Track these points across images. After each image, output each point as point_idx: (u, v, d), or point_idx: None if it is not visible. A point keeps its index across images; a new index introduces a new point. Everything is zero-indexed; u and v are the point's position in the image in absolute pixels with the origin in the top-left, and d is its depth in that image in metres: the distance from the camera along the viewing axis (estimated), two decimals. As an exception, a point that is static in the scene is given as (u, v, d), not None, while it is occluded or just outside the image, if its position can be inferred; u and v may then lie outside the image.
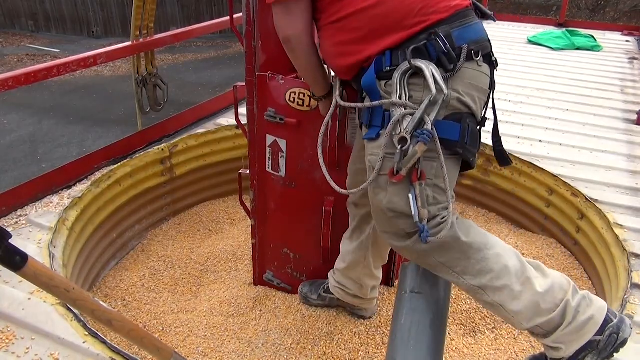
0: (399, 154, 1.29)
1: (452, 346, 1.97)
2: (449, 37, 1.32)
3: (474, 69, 1.36)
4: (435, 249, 1.38)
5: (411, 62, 1.29)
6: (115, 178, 2.54)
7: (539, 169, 2.73)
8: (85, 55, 2.58)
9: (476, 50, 1.36)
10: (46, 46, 10.43)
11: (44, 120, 6.72)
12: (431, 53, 1.31)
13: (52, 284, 1.12)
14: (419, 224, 1.32)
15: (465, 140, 1.33)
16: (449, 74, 1.31)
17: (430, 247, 1.37)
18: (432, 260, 1.41)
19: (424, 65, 1.28)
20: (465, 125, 1.33)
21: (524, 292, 1.37)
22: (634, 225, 2.27)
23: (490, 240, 1.42)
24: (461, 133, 1.32)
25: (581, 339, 1.37)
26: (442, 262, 1.40)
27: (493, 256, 1.39)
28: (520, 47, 5.30)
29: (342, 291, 1.98)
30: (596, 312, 1.38)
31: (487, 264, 1.38)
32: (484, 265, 1.38)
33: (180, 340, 2.01)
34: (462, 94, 1.33)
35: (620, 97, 3.88)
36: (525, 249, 2.55)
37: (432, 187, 1.34)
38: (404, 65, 1.30)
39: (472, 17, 1.41)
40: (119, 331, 1.26)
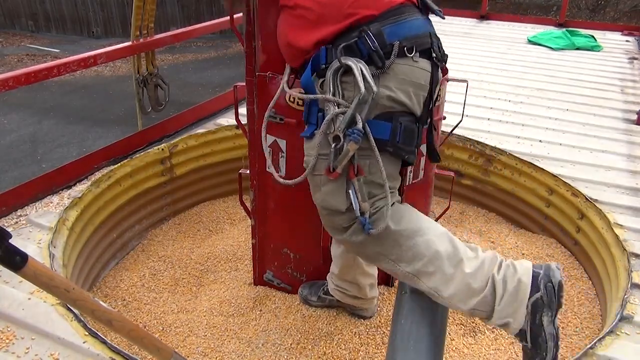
0: (333, 152, 1.33)
1: (452, 346, 1.97)
2: (380, 35, 1.33)
3: (408, 64, 1.37)
4: (370, 240, 1.42)
5: (341, 60, 1.32)
6: (115, 178, 2.54)
7: (539, 168, 2.73)
8: (85, 55, 2.59)
9: (410, 46, 1.36)
10: (46, 46, 10.42)
11: (44, 120, 6.72)
12: (362, 50, 1.33)
13: (52, 284, 1.12)
14: (361, 217, 1.38)
15: (397, 139, 1.36)
16: (379, 71, 1.32)
17: (365, 238, 1.41)
18: (369, 250, 1.45)
19: (352, 64, 1.30)
20: (397, 124, 1.35)
21: (455, 274, 1.40)
22: (634, 225, 2.27)
23: (423, 225, 1.45)
24: (392, 132, 1.35)
25: (521, 304, 1.37)
26: (378, 251, 1.44)
27: (423, 242, 1.41)
28: (520, 47, 5.30)
29: (341, 293, 1.98)
30: (522, 274, 1.39)
31: (419, 249, 1.41)
32: (415, 251, 1.41)
33: (180, 340, 2.01)
34: (395, 90, 1.35)
35: (620, 97, 3.88)
36: (525, 249, 2.55)
37: (369, 184, 1.38)
38: (335, 63, 1.33)
39: (409, 13, 1.41)
40: (119, 331, 1.26)
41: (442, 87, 2.02)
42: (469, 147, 2.98)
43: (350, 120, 1.30)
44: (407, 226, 1.43)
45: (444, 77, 2.04)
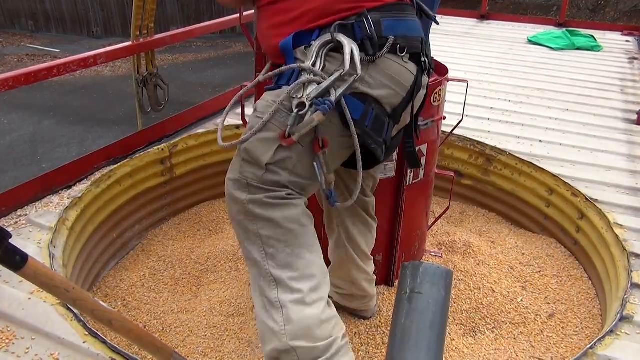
0: (294, 117, 1.23)
1: (452, 346, 1.97)
2: (378, 24, 1.30)
3: (397, 62, 1.34)
4: (266, 219, 1.31)
5: (334, 35, 1.27)
6: (115, 178, 2.54)
7: (539, 168, 2.73)
8: (85, 55, 2.58)
9: (402, 45, 1.33)
10: (46, 46, 10.43)
11: (44, 120, 6.72)
12: (356, 34, 1.29)
13: (52, 284, 1.12)
14: (326, 190, 1.34)
15: (366, 123, 1.30)
16: (369, 59, 1.29)
17: (263, 214, 1.31)
18: (253, 227, 1.33)
19: (345, 41, 1.26)
20: (369, 108, 1.31)
21: (311, 308, 1.30)
22: (634, 225, 2.27)
23: (315, 247, 1.37)
24: (362, 114, 1.30)
25: None
26: (261, 234, 1.32)
27: (306, 259, 1.33)
28: (520, 47, 5.30)
29: (338, 295, 1.97)
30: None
31: (299, 262, 1.32)
32: (294, 261, 1.32)
33: (180, 340, 2.01)
34: (375, 80, 1.31)
35: (620, 97, 3.88)
36: (525, 249, 2.55)
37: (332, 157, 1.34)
38: (326, 36, 1.29)
39: (408, 13, 1.39)
40: (119, 331, 1.26)
41: (442, 87, 2.02)
42: (469, 147, 2.98)
43: (323, 91, 1.23)
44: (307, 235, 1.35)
45: (444, 77, 2.04)
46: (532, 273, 2.39)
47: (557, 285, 2.32)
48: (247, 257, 1.38)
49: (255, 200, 1.31)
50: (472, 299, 2.19)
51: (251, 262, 1.36)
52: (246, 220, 1.34)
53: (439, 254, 2.48)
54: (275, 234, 1.31)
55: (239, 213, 1.35)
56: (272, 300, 1.31)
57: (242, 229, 1.36)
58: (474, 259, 2.43)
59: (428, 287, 1.49)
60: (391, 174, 2.02)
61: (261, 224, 1.32)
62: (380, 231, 2.11)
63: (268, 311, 1.31)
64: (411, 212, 2.14)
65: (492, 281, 2.28)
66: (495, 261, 2.43)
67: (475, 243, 2.53)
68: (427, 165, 2.13)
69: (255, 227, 1.33)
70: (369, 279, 1.94)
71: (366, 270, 1.90)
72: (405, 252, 2.23)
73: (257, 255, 1.34)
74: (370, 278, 1.94)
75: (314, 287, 1.32)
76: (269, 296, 1.31)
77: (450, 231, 2.67)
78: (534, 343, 2.01)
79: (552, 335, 2.05)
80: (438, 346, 1.44)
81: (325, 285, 1.37)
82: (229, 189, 1.37)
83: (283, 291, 1.30)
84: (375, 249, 2.13)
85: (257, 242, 1.33)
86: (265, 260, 1.32)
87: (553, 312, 2.16)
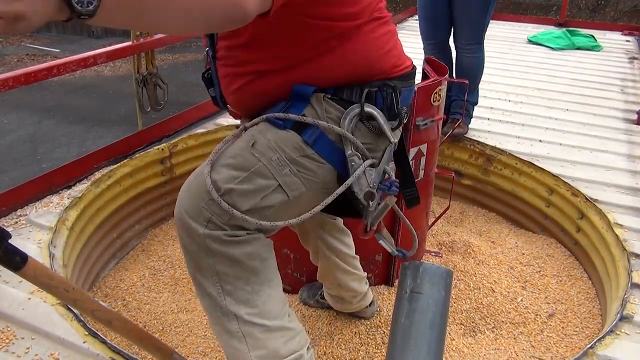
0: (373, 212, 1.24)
1: (452, 346, 1.97)
2: (398, 94, 1.26)
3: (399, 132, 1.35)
4: (224, 255, 1.18)
5: (364, 106, 1.20)
6: (115, 178, 2.54)
7: (539, 168, 2.73)
8: (85, 55, 2.58)
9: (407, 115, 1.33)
10: (46, 46, 10.43)
11: (44, 120, 6.72)
12: (378, 103, 1.23)
13: (51, 284, 1.12)
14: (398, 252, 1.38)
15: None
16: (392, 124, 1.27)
17: (221, 250, 1.17)
18: (208, 260, 1.19)
19: (376, 112, 1.22)
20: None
21: (273, 333, 1.25)
22: (634, 225, 2.27)
23: (275, 279, 1.28)
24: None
25: None
26: (218, 270, 1.20)
27: (266, 295, 1.24)
28: (520, 47, 5.30)
29: (330, 297, 1.94)
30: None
31: (258, 299, 1.23)
32: (254, 298, 1.22)
33: (180, 340, 2.01)
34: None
35: (620, 97, 3.88)
36: (525, 249, 2.55)
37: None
38: (356, 107, 1.21)
39: (414, 81, 1.38)
40: (119, 331, 1.26)
41: (442, 87, 2.02)
42: (469, 147, 2.98)
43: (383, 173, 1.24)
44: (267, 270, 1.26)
45: (444, 77, 2.04)
46: (532, 273, 2.39)
47: (557, 285, 2.32)
48: (197, 287, 1.26)
49: (212, 236, 1.16)
50: (472, 299, 2.19)
51: (203, 294, 1.25)
52: (200, 253, 1.20)
53: (439, 253, 2.48)
54: (234, 271, 1.20)
55: (192, 243, 1.20)
56: (233, 331, 1.23)
57: (194, 260, 1.22)
58: (473, 259, 2.43)
59: (428, 287, 1.49)
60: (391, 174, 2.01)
61: (218, 259, 1.19)
62: (380, 231, 2.11)
63: (230, 340, 1.24)
64: (411, 212, 2.14)
65: (492, 281, 2.28)
66: (495, 261, 2.43)
67: (475, 243, 2.53)
68: (427, 165, 2.13)
69: (211, 262, 1.19)
70: (357, 278, 1.85)
71: (352, 271, 1.80)
72: (405, 252, 2.22)
73: (211, 290, 1.22)
74: (358, 276, 1.84)
75: (274, 318, 1.26)
76: (229, 328, 1.23)
77: (450, 231, 2.67)
78: (534, 343, 2.01)
79: (552, 335, 2.05)
80: (438, 346, 1.44)
81: (285, 312, 1.30)
82: (183, 214, 1.19)
83: (243, 324, 1.23)
84: (375, 249, 2.14)
85: (212, 277, 1.21)
86: (222, 296, 1.22)
87: (553, 311, 2.16)
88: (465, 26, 2.92)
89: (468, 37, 2.92)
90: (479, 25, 2.90)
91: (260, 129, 1.23)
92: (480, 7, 2.83)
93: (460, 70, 3.02)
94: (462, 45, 2.96)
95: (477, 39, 2.93)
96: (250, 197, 1.16)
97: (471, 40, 2.92)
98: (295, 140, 1.19)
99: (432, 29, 3.05)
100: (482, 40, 2.96)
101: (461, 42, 2.97)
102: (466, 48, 2.95)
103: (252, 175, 1.17)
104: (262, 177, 1.17)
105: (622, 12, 11.50)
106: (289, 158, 1.19)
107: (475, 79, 3.03)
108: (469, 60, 2.98)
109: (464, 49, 2.97)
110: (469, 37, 2.92)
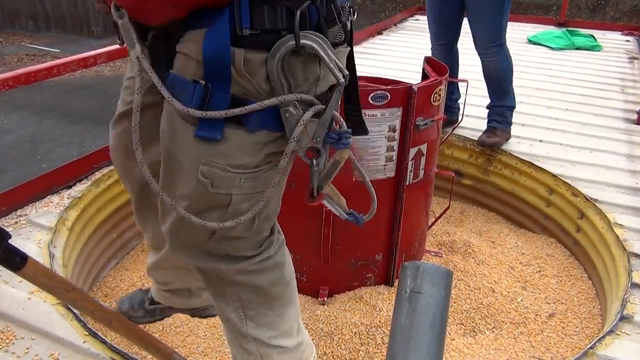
0: (316, 171, 0.99)
1: (452, 346, 1.97)
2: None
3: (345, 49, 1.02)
4: (248, 284, 1.12)
5: (299, 38, 0.86)
6: (115, 178, 2.53)
7: (539, 168, 2.73)
8: (85, 55, 2.58)
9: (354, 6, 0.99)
10: (46, 46, 10.42)
11: (44, 120, 6.71)
12: (312, 19, 0.90)
13: (51, 284, 1.12)
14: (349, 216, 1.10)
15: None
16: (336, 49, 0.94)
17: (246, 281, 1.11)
18: (231, 291, 1.13)
19: (316, 45, 0.88)
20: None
21: (291, 352, 1.23)
22: (634, 224, 2.27)
23: (295, 296, 1.22)
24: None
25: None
26: (242, 298, 1.14)
27: (288, 316, 1.20)
28: (520, 46, 5.29)
29: (166, 292, 1.50)
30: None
31: (280, 320, 1.18)
32: (276, 320, 1.17)
33: (180, 340, 2.01)
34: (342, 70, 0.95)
35: (620, 97, 3.88)
36: (525, 249, 2.55)
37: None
38: (287, 41, 0.87)
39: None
40: (119, 331, 1.26)
41: (442, 86, 2.02)
42: (469, 147, 2.98)
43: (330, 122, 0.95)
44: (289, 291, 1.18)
45: (444, 77, 2.04)
46: (532, 273, 2.39)
47: (557, 285, 2.32)
48: (218, 311, 1.21)
49: (238, 269, 1.10)
50: (472, 299, 2.19)
51: (222, 316, 1.21)
52: (222, 284, 1.14)
53: (439, 253, 2.48)
54: (258, 298, 1.15)
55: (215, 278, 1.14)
56: (251, 351, 1.19)
57: (214, 287, 1.17)
58: (473, 259, 2.42)
59: (428, 287, 1.49)
60: (391, 174, 2.02)
61: (242, 288, 1.13)
62: (380, 231, 2.11)
63: (246, 356, 1.22)
64: (411, 212, 2.14)
65: (492, 281, 2.28)
66: (495, 261, 2.43)
67: (475, 243, 2.53)
68: (427, 165, 2.13)
69: (235, 291, 1.14)
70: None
71: None
72: (405, 252, 2.23)
73: (232, 315, 1.17)
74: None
75: (291, 336, 1.23)
76: (247, 347, 1.20)
77: (450, 231, 2.67)
78: (534, 343, 2.01)
79: (552, 335, 2.05)
80: (438, 346, 1.44)
81: (297, 319, 1.25)
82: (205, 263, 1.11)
83: (261, 345, 1.19)
84: (375, 249, 2.14)
85: (234, 304, 1.16)
86: (244, 322, 1.16)
87: (553, 311, 2.16)
88: (481, 30, 2.80)
89: (486, 40, 2.79)
90: (495, 28, 2.76)
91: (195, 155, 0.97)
92: (495, 9, 2.70)
93: (488, 77, 2.91)
94: (483, 50, 2.83)
95: (496, 41, 2.79)
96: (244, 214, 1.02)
97: (490, 44, 2.79)
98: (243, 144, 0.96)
99: (442, 30, 2.98)
100: (502, 42, 2.81)
101: (481, 47, 2.83)
102: (487, 52, 2.82)
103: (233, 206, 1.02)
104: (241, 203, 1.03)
105: (622, 12, 11.50)
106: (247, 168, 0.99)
107: (504, 83, 2.89)
108: (492, 64, 2.85)
109: (485, 54, 2.84)
110: (487, 40, 2.79)
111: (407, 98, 1.89)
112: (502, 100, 2.92)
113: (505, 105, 2.93)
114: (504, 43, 2.83)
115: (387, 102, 1.86)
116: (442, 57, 3.00)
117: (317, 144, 0.95)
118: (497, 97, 2.93)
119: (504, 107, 2.93)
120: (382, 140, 1.92)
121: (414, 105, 1.90)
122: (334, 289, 2.18)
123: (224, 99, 0.90)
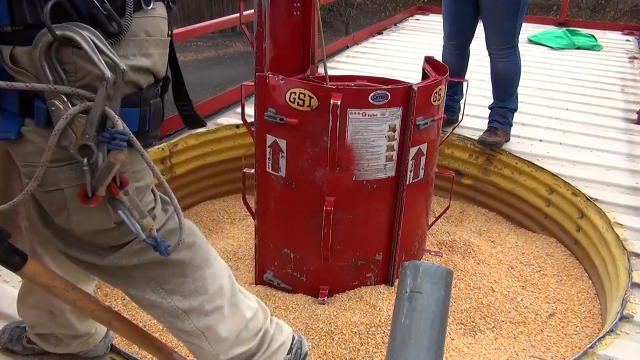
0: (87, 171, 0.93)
1: (452, 346, 1.97)
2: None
3: (146, 16, 0.96)
4: (148, 262, 1.10)
5: (54, 31, 0.83)
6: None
7: (539, 168, 2.73)
8: (85, 54, 2.58)
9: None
10: (46, 46, 10.42)
11: (44, 119, 6.72)
12: (80, 11, 0.86)
13: (52, 284, 1.12)
14: (150, 240, 1.03)
15: (147, 127, 1.00)
16: (114, 40, 0.90)
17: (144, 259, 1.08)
18: (138, 274, 1.11)
19: (77, 36, 0.84)
20: (146, 108, 0.99)
21: (232, 316, 1.22)
22: (634, 224, 2.27)
23: (211, 255, 1.21)
24: (141, 120, 0.98)
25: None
26: (152, 276, 1.12)
27: (210, 275, 1.18)
28: (520, 46, 5.27)
29: (37, 338, 1.46)
30: (286, 338, 1.39)
31: (204, 283, 1.17)
32: (199, 285, 1.16)
33: (181, 339, 2.01)
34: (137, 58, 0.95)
35: (620, 97, 3.88)
36: (525, 249, 2.55)
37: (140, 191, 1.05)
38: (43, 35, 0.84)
39: None
40: (119, 331, 1.26)
41: (442, 86, 2.02)
42: (469, 147, 2.98)
43: (100, 120, 0.89)
44: (197, 253, 1.16)
45: (444, 77, 2.04)
46: (532, 272, 2.39)
47: (557, 285, 2.32)
48: (139, 303, 1.18)
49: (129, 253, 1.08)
50: (472, 299, 2.19)
51: (147, 305, 1.17)
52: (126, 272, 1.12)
53: (439, 253, 2.48)
54: (167, 270, 1.13)
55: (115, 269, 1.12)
56: (190, 330, 1.18)
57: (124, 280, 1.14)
58: (474, 259, 2.42)
59: (428, 286, 1.49)
60: (391, 174, 2.02)
61: (146, 267, 1.11)
62: (380, 230, 2.11)
63: (190, 338, 1.21)
64: (411, 212, 2.14)
65: (492, 280, 2.28)
66: (495, 260, 2.43)
67: (475, 242, 2.53)
68: (427, 165, 2.12)
69: (142, 273, 1.12)
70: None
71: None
72: (405, 252, 2.23)
73: (154, 297, 1.14)
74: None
75: (228, 294, 1.21)
76: (185, 328, 1.18)
77: (450, 230, 2.66)
78: (534, 342, 2.01)
79: (552, 335, 2.05)
80: (438, 346, 1.44)
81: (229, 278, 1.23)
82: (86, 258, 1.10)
83: (197, 318, 1.17)
84: (375, 248, 2.14)
85: (149, 285, 1.14)
86: (168, 298, 1.14)
87: (553, 311, 2.16)
88: (495, 31, 2.81)
89: (499, 42, 2.81)
90: (509, 30, 2.77)
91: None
92: (510, 11, 2.71)
93: (495, 77, 2.93)
94: (494, 51, 2.85)
95: (509, 44, 2.80)
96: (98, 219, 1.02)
97: (503, 46, 2.80)
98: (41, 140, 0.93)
99: (456, 32, 2.98)
100: (515, 45, 2.83)
101: (493, 48, 2.85)
102: (498, 53, 2.84)
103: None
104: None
105: (622, 11, 11.50)
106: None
107: (511, 85, 2.91)
108: (502, 65, 2.86)
109: (496, 55, 2.85)
110: (500, 42, 2.81)
111: (407, 98, 1.89)
112: (505, 101, 2.92)
113: (508, 107, 2.95)
114: (517, 46, 2.85)
115: (387, 101, 1.86)
116: (452, 58, 3.02)
117: (87, 141, 0.90)
118: (501, 98, 2.95)
119: (506, 109, 2.94)
120: (382, 140, 1.92)
121: (414, 105, 1.89)
122: (334, 289, 2.18)
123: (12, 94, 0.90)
